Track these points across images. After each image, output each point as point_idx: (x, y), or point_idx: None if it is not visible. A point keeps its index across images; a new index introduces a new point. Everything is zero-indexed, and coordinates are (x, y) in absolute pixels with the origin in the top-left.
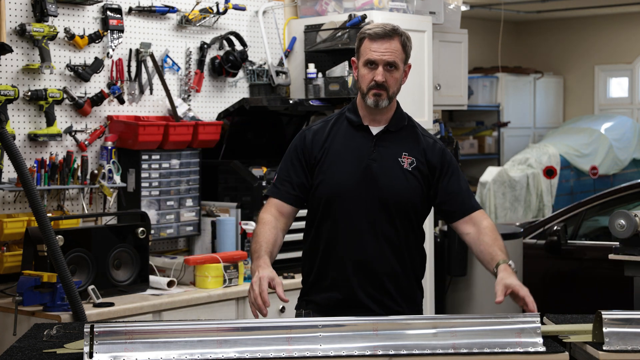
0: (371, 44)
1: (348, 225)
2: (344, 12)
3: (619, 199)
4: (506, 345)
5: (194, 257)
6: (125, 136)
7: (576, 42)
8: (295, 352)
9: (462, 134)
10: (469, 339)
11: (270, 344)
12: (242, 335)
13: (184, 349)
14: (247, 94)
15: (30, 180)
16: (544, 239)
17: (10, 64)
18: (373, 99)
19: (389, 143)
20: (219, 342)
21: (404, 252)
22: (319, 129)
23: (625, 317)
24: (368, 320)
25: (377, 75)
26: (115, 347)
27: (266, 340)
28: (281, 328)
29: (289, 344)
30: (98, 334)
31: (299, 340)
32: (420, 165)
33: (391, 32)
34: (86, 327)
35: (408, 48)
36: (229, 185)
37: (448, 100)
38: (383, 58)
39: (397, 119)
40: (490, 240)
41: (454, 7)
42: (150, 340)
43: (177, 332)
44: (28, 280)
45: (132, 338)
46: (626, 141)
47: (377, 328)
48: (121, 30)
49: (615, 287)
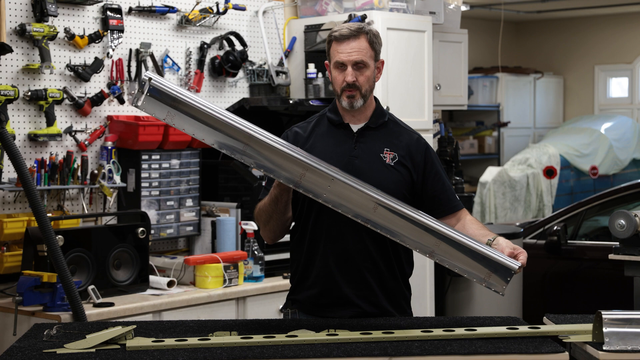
0: (338, 45)
1: (331, 222)
2: (344, 12)
3: (619, 199)
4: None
5: (194, 257)
6: (125, 136)
7: (576, 42)
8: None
9: (462, 134)
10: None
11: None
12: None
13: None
14: (247, 94)
15: (30, 180)
16: (544, 239)
17: (10, 64)
18: (347, 100)
19: (370, 139)
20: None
21: (387, 247)
22: (300, 128)
23: (625, 317)
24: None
25: (347, 76)
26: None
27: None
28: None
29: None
30: (153, 85)
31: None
32: (403, 160)
33: (357, 31)
34: (145, 75)
35: (376, 45)
36: (229, 185)
37: (448, 100)
38: (350, 58)
39: (377, 116)
40: (479, 227)
41: (454, 7)
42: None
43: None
44: (28, 280)
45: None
46: (626, 141)
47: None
48: (121, 30)
49: (615, 287)
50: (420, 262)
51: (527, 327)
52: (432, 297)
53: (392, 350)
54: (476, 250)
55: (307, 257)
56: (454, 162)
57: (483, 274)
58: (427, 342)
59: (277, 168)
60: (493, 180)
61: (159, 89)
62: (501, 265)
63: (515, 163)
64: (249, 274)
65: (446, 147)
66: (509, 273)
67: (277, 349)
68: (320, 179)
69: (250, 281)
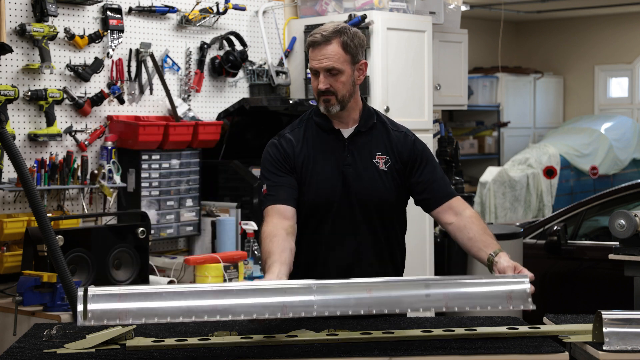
0: (311, 52)
1: (329, 233)
2: (344, 12)
3: (619, 199)
4: (498, 304)
5: (194, 257)
6: (125, 136)
7: (576, 42)
8: (290, 313)
9: (462, 134)
10: (460, 300)
11: (265, 296)
12: (237, 298)
13: (179, 301)
14: (247, 94)
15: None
16: (544, 239)
17: (10, 64)
18: (324, 105)
19: (361, 145)
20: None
21: (383, 251)
22: (291, 135)
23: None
24: (361, 282)
25: (320, 84)
26: (109, 300)
27: (261, 293)
28: (276, 290)
29: (285, 295)
30: (92, 297)
31: (294, 297)
32: (395, 162)
33: (329, 36)
34: (80, 291)
35: (351, 47)
36: (229, 185)
37: (448, 100)
38: (321, 65)
39: (365, 118)
40: (480, 229)
41: (454, 7)
42: (145, 293)
43: (172, 293)
44: (28, 280)
45: (126, 298)
46: (626, 141)
47: (371, 289)
48: (121, 30)
49: (615, 287)
50: (420, 262)
51: (527, 327)
52: None
53: (392, 350)
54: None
55: (305, 268)
56: (454, 162)
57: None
58: (427, 342)
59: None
60: (493, 180)
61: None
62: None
63: (515, 163)
64: (249, 274)
65: (446, 147)
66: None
67: (277, 349)
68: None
69: (250, 281)
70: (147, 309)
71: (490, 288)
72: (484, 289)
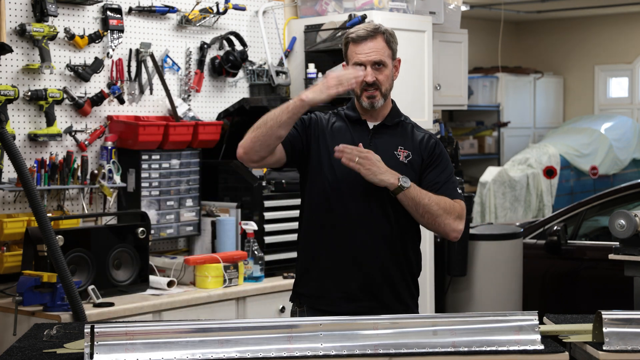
0: (356, 46)
1: (344, 218)
2: (344, 12)
3: (619, 199)
4: (505, 343)
5: (194, 257)
6: (125, 136)
7: (576, 42)
8: (296, 352)
9: (462, 134)
10: (468, 337)
11: (271, 343)
12: (243, 335)
13: (185, 349)
14: (247, 94)
15: (30, 180)
16: (544, 239)
17: (10, 64)
18: (368, 101)
19: (385, 137)
20: (220, 342)
21: (396, 245)
22: (321, 116)
23: (625, 317)
24: (368, 319)
25: (367, 76)
26: (116, 348)
27: (267, 340)
28: (282, 327)
29: (290, 342)
30: (99, 335)
31: (300, 339)
32: (415, 159)
33: (373, 31)
34: (86, 328)
35: (393, 44)
36: (229, 185)
37: (448, 100)
38: (369, 58)
39: (392, 115)
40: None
41: (454, 7)
42: (151, 340)
43: (178, 332)
44: (28, 280)
45: (133, 338)
46: (626, 141)
47: (377, 327)
48: (121, 30)
49: (615, 287)
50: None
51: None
52: (432, 297)
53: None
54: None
55: (316, 251)
56: (454, 162)
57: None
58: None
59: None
60: (493, 180)
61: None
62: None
63: (515, 163)
64: (249, 274)
65: (446, 147)
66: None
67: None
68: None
69: (250, 281)
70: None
71: (498, 325)
72: (491, 325)
